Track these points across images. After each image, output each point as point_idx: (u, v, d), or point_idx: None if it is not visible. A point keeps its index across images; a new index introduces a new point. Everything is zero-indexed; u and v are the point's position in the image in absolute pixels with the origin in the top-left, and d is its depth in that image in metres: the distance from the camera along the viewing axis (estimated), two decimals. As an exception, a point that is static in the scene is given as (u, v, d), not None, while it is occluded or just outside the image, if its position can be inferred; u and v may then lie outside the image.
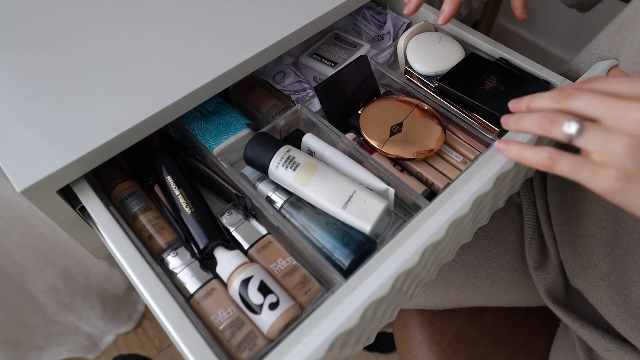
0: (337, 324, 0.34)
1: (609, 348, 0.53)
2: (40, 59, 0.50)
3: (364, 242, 0.43)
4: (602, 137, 0.28)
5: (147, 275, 0.38)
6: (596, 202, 0.53)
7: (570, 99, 0.30)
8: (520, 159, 0.34)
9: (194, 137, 0.53)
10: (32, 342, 1.04)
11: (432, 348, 0.67)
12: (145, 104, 0.45)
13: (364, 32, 0.69)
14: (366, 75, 0.54)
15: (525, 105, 0.36)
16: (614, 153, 0.28)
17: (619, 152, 0.28)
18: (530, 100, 0.35)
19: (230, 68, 0.48)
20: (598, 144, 0.29)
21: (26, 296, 0.96)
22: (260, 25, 0.52)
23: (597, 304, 0.55)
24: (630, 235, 0.49)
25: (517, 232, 0.65)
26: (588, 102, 0.29)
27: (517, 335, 0.67)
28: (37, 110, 0.45)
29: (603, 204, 0.52)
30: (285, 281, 0.41)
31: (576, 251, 0.57)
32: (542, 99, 0.33)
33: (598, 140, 0.28)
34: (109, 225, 0.41)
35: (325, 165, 0.46)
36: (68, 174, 0.42)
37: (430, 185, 0.49)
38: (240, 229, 0.45)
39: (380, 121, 0.51)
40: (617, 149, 0.28)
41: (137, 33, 0.52)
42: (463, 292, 0.65)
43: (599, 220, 0.53)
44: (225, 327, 0.38)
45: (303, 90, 0.59)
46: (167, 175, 0.47)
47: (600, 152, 0.28)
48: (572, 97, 0.30)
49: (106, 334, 1.14)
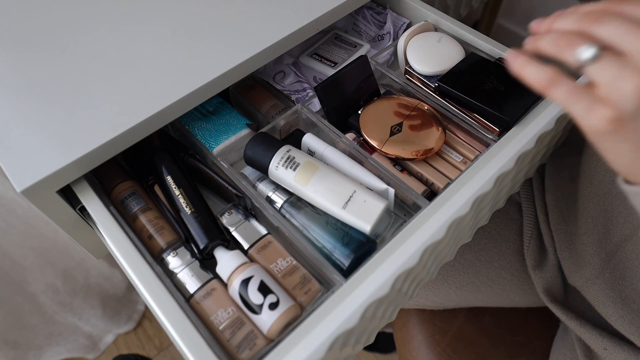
0: (337, 324, 0.34)
1: (607, 347, 0.53)
2: (40, 60, 0.50)
3: (364, 242, 0.43)
4: (616, 71, 0.26)
5: (147, 275, 0.38)
6: (588, 199, 0.53)
7: (598, 23, 0.27)
8: (521, 72, 0.31)
9: (194, 137, 0.53)
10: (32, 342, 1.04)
11: (432, 348, 0.67)
12: (145, 104, 0.45)
13: (364, 32, 0.69)
14: (366, 75, 0.54)
15: (547, 25, 0.31)
16: (621, 91, 0.26)
17: (626, 92, 0.25)
18: (553, 20, 0.31)
19: (230, 68, 0.48)
20: (608, 77, 0.26)
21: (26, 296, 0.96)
22: (260, 25, 0.52)
23: (594, 301, 0.55)
24: (620, 231, 0.50)
25: (518, 232, 0.66)
26: (617, 30, 0.26)
27: (516, 335, 0.67)
28: (37, 111, 0.45)
29: (595, 201, 0.52)
30: (285, 281, 0.41)
31: (572, 249, 0.57)
32: (566, 19, 0.29)
33: (610, 73, 0.26)
34: (109, 225, 0.41)
35: (325, 165, 0.46)
36: (68, 174, 0.42)
37: (430, 185, 0.49)
38: (240, 229, 0.45)
39: (380, 121, 0.51)
40: (626, 88, 0.25)
41: (137, 33, 0.52)
42: (464, 292, 0.65)
43: (591, 218, 0.53)
44: (225, 327, 0.38)
45: (303, 90, 0.59)
46: (167, 175, 0.47)
47: (608, 85, 0.26)
48: (600, 22, 0.27)
49: (106, 334, 1.14)
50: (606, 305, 0.53)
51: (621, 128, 0.27)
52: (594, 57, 0.26)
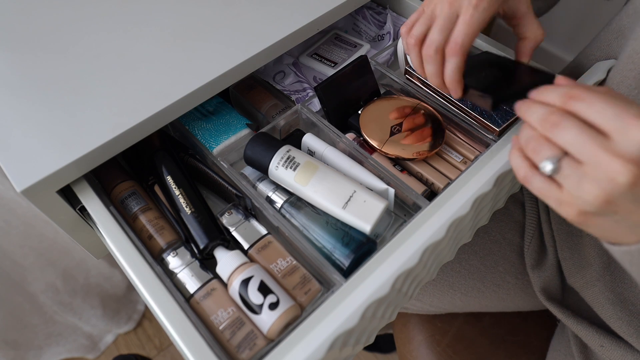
0: (337, 324, 0.34)
1: (603, 344, 0.53)
2: (40, 60, 0.50)
3: (364, 242, 0.43)
4: (575, 182, 0.29)
5: (147, 275, 0.38)
6: None
7: (556, 129, 0.30)
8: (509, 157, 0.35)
9: (194, 137, 0.53)
10: (32, 342, 1.04)
11: (432, 348, 0.67)
12: (145, 104, 0.45)
13: (364, 32, 0.69)
14: (366, 75, 0.54)
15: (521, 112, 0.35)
16: (581, 199, 0.29)
17: (586, 200, 0.29)
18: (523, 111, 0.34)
19: (230, 68, 0.48)
20: (570, 186, 0.30)
21: (26, 296, 0.96)
22: (260, 25, 0.52)
23: (592, 303, 0.55)
24: None
25: (522, 234, 0.66)
26: (574, 140, 0.29)
27: (516, 335, 0.67)
28: (37, 111, 0.45)
29: None
30: (285, 281, 0.41)
31: (574, 250, 0.57)
32: (531, 116, 0.32)
33: (571, 183, 0.29)
34: (109, 225, 0.41)
35: (325, 165, 0.46)
36: (68, 174, 0.42)
37: (430, 185, 0.49)
38: (240, 229, 0.45)
39: (380, 121, 0.51)
40: (586, 198, 0.29)
41: (137, 33, 0.52)
42: (469, 298, 0.65)
43: None
44: (225, 327, 0.38)
45: (303, 90, 0.59)
46: (167, 175, 0.47)
47: (570, 193, 0.30)
48: (558, 128, 0.30)
49: (106, 334, 1.14)
50: (605, 306, 0.53)
51: (590, 220, 0.30)
52: (553, 170, 0.30)
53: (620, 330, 0.52)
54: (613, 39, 0.49)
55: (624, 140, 0.26)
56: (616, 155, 0.26)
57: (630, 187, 0.27)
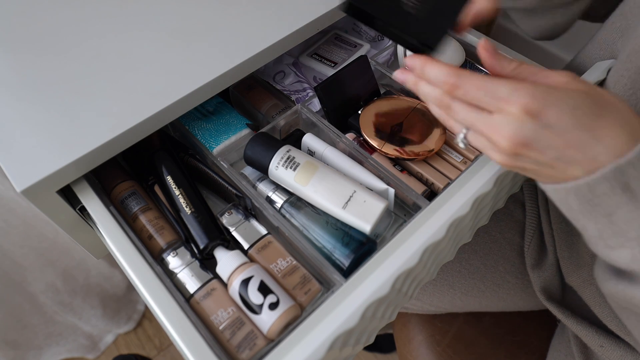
0: (337, 324, 0.34)
1: (603, 344, 0.53)
2: (40, 61, 0.50)
3: (364, 242, 0.43)
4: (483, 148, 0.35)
5: (147, 275, 0.38)
6: None
7: (451, 111, 0.35)
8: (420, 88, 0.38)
9: (194, 137, 0.53)
10: (32, 342, 1.04)
11: (432, 348, 0.67)
12: (145, 104, 0.45)
13: (364, 32, 0.69)
14: (366, 75, 0.54)
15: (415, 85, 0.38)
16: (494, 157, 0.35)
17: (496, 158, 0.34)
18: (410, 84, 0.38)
19: (230, 68, 0.48)
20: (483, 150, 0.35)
21: (26, 296, 0.96)
22: (260, 25, 0.52)
23: (590, 302, 0.55)
24: None
25: (522, 234, 0.66)
26: (467, 119, 0.34)
27: (516, 335, 0.67)
28: (37, 111, 0.45)
29: None
30: (285, 281, 0.41)
31: (572, 249, 0.57)
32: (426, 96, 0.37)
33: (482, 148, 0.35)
34: (109, 225, 0.41)
35: (325, 165, 0.46)
36: (68, 174, 0.42)
37: (430, 185, 0.49)
38: (240, 229, 0.45)
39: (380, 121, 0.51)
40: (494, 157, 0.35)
41: (137, 33, 0.52)
42: (469, 298, 0.65)
43: None
44: (225, 327, 0.38)
45: (303, 90, 0.59)
46: (167, 175, 0.47)
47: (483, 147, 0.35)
48: (452, 110, 0.35)
49: (106, 334, 1.14)
50: (602, 306, 0.53)
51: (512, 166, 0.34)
52: (465, 144, 0.36)
53: (617, 330, 0.52)
54: (617, 38, 0.48)
55: (500, 118, 0.32)
56: (495, 131, 0.32)
57: (514, 155, 0.32)
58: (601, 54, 0.51)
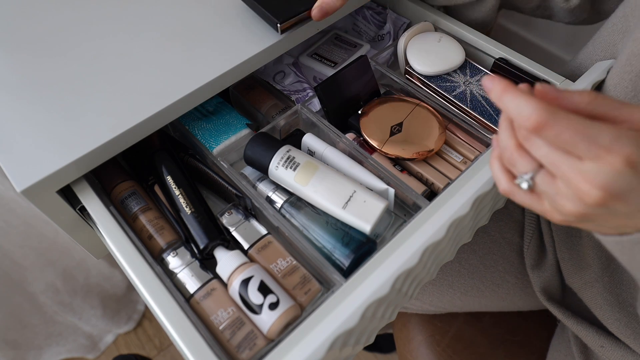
0: (337, 324, 0.34)
1: (603, 344, 0.53)
2: (40, 61, 0.50)
3: (364, 242, 0.43)
4: (551, 197, 0.31)
5: (147, 275, 0.38)
6: None
7: (529, 142, 0.30)
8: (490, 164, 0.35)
9: (194, 137, 0.53)
10: (32, 342, 1.04)
11: (432, 348, 0.67)
12: (145, 104, 0.45)
13: (364, 32, 0.69)
14: (366, 75, 0.54)
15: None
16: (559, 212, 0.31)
17: (564, 213, 0.30)
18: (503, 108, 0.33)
19: (230, 68, 0.48)
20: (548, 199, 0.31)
21: (26, 296, 0.96)
22: (260, 25, 0.52)
23: (591, 303, 0.55)
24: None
25: (522, 234, 0.66)
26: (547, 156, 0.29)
27: (516, 335, 0.67)
28: (37, 111, 0.45)
29: None
30: (285, 281, 0.41)
31: (573, 251, 0.57)
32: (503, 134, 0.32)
33: (548, 197, 0.31)
34: (109, 225, 0.41)
35: (325, 165, 0.46)
36: (68, 174, 0.42)
37: (430, 185, 0.49)
38: (240, 229, 0.45)
39: (380, 121, 0.51)
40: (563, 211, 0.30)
41: (137, 33, 0.52)
42: (469, 297, 0.65)
43: None
44: (225, 327, 0.38)
45: (303, 90, 0.59)
46: (167, 175, 0.47)
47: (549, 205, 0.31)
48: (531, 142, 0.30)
49: (106, 334, 1.14)
50: (603, 308, 0.53)
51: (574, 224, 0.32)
52: (529, 187, 0.31)
53: (618, 332, 0.52)
54: (618, 40, 0.48)
55: (594, 167, 0.27)
56: (586, 179, 0.28)
57: (599, 206, 0.28)
58: (602, 54, 0.51)
